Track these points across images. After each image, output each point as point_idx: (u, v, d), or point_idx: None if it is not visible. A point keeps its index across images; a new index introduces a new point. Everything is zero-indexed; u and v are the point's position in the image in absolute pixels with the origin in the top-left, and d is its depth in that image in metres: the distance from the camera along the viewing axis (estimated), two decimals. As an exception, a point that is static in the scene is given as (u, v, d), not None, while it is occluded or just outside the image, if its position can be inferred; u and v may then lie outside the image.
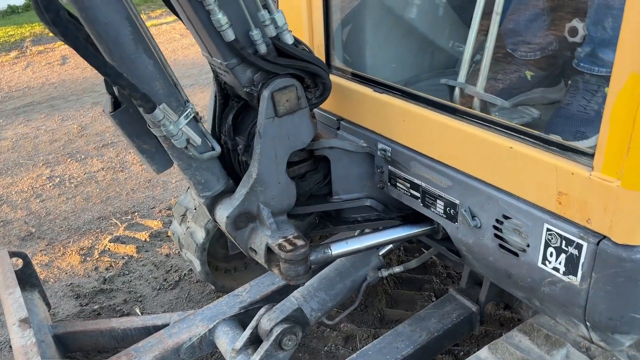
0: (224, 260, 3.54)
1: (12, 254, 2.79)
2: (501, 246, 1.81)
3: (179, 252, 3.92)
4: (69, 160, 5.56)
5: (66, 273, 3.77)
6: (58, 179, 5.16)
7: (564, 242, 1.58)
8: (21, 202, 4.78)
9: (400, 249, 3.79)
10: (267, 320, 2.38)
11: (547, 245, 1.63)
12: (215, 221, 2.26)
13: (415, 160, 2.04)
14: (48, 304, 2.94)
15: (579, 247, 1.54)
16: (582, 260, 1.54)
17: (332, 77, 2.34)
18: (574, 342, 2.00)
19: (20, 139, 6.17)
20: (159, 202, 4.67)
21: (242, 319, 2.62)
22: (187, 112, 1.94)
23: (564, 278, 1.62)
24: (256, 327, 2.41)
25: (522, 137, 1.63)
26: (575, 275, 1.58)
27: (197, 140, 1.96)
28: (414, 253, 3.78)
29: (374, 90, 2.13)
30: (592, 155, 1.45)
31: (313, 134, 2.12)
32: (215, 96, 2.28)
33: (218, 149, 2.08)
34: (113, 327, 2.67)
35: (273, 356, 2.33)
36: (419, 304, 3.27)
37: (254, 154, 2.05)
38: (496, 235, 1.82)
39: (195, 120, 2.04)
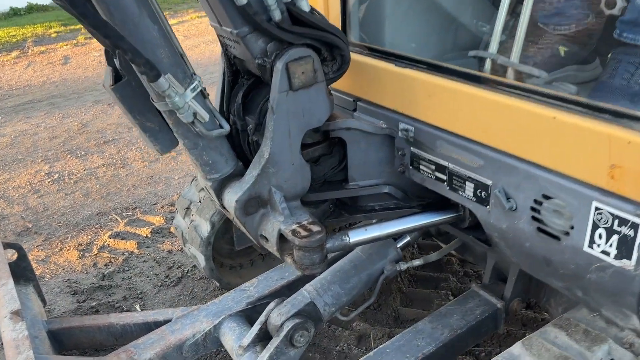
0: (230, 256, 3.37)
1: (6, 245, 2.61)
2: (540, 230, 1.65)
3: (181, 248, 3.75)
4: (68, 156, 5.41)
5: (63, 269, 3.60)
6: (57, 175, 5.00)
7: (616, 221, 1.41)
8: (18, 197, 4.62)
9: (414, 246, 3.62)
10: (278, 314, 2.21)
11: (595, 227, 1.47)
12: (223, 207, 2.09)
13: (442, 140, 1.88)
14: (43, 300, 2.77)
15: (634, 226, 1.37)
16: (637, 241, 1.37)
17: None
18: (615, 338, 1.83)
19: (19, 135, 6.02)
20: (162, 198, 4.51)
21: (249, 314, 2.44)
22: (194, 84, 1.78)
23: (615, 262, 1.45)
24: (265, 322, 2.24)
25: (568, 105, 1.47)
26: (629, 258, 1.41)
27: (205, 116, 1.80)
28: (428, 251, 3.61)
29: (396, 65, 1.97)
30: (653, 121, 1.29)
31: (330, 112, 1.96)
32: (224, 73, 2.13)
33: (227, 127, 1.92)
34: (112, 322, 2.50)
35: (283, 353, 2.16)
36: (435, 302, 3.09)
37: (266, 132, 1.89)
38: (534, 218, 1.65)
39: (203, 95, 1.88)
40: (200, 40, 10.08)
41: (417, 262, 2.49)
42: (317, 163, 2.18)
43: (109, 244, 3.85)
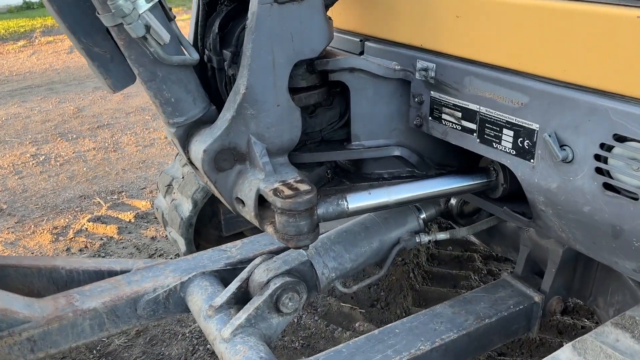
0: (218, 243, 2.96)
1: None
2: (607, 187, 1.20)
3: (167, 236, 3.34)
4: (59, 139, 5.06)
5: (32, 253, 3.21)
6: (43, 157, 4.64)
7: None
8: (-5, 178, 4.27)
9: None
10: (265, 270, 1.77)
11: (696, 174, 1.02)
12: (190, 161, 1.67)
13: (472, 76, 1.45)
14: None
15: None
16: None
17: (356, -22, 1.77)
18: (698, 343, 1.37)
19: (10, 118, 5.70)
20: (151, 182, 4.12)
21: (226, 277, 1.97)
22: None
23: None
24: (247, 279, 1.79)
25: (661, -1, 1.03)
26: None
27: (164, 35, 1.38)
28: (446, 246, 3.16)
29: (415, -16, 1.55)
30: None
31: (328, 40, 1.54)
32: (199, 1, 1.73)
33: (195, 56, 1.51)
34: (56, 265, 2.01)
35: (265, 319, 1.70)
36: (453, 303, 2.64)
37: (242, 60, 1.47)
38: (599, 171, 1.21)
39: (166, 14, 1.47)
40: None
41: (441, 236, 2.04)
42: (313, 115, 1.76)
43: (87, 228, 3.46)
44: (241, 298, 1.77)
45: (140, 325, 1.97)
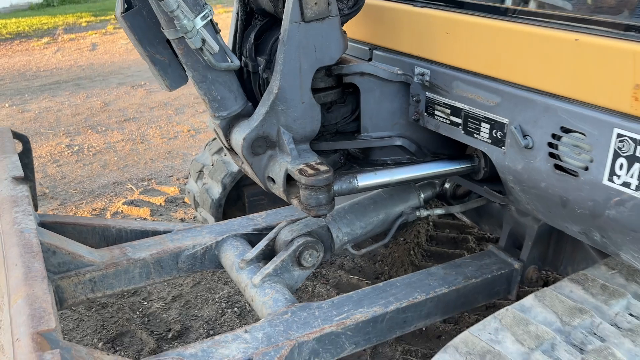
0: (241, 223, 3.34)
1: (15, 135, 2.47)
2: (557, 167, 1.57)
3: (194, 217, 3.73)
4: (89, 131, 5.47)
5: (76, 231, 3.61)
6: (77, 147, 5.05)
7: (638, 148, 1.33)
8: (37, 166, 4.67)
9: (429, 223, 3.54)
10: (289, 231, 2.14)
11: (616, 156, 1.38)
12: (231, 148, 2.06)
13: (458, 80, 1.81)
14: (35, 206, 2.52)
15: (658, 151, 1.28)
16: (661, 167, 1.29)
17: (367, -1, 2.14)
18: (635, 294, 1.73)
19: (43, 111, 6.12)
20: (178, 171, 4.51)
21: (253, 240, 2.35)
22: (204, 12, 1.75)
23: (637, 194, 1.36)
24: (274, 239, 2.17)
25: (591, 27, 1.40)
26: (652, 188, 1.32)
27: (215, 46, 1.77)
28: (444, 229, 3.52)
29: (414, 6, 1.92)
30: (681, 32, 1.21)
31: (343, 50, 1.91)
32: (237, 14, 2.10)
33: (237, 62, 1.89)
34: (108, 225, 2.37)
35: (288, 270, 2.09)
36: (448, 276, 3.01)
37: (275, 66, 1.84)
38: (551, 155, 1.57)
39: (214, 27, 1.86)
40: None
41: (438, 211, 2.42)
42: (329, 110, 2.13)
43: (122, 210, 3.86)
44: (268, 254, 2.17)
45: (179, 277, 2.33)
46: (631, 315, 1.68)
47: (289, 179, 1.94)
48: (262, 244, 2.20)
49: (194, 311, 2.87)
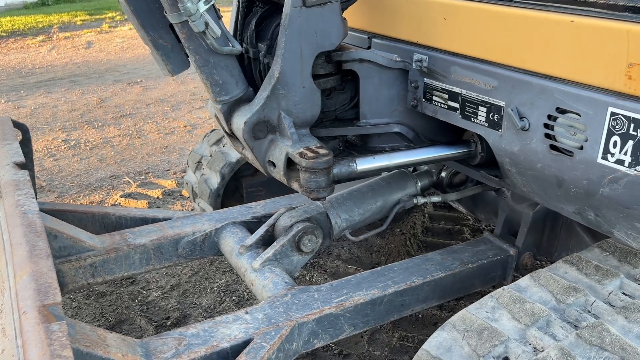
0: (239, 214, 3.36)
1: (15, 124, 2.46)
2: (552, 147, 1.61)
3: (192, 209, 3.75)
4: (86, 126, 5.47)
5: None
6: (73, 142, 5.06)
7: (632, 125, 1.37)
8: (34, 160, 4.65)
9: (426, 215, 3.58)
10: (289, 217, 2.17)
11: (610, 134, 1.42)
12: (231, 133, 2.08)
13: (456, 65, 1.85)
14: (35, 194, 2.65)
15: (650, 127, 1.33)
16: (654, 144, 1.33)
17: (366, -13, 2.18)
18: (628, 274, 1.77)
19: (39, 107, 6.12)
20: (175, 165, 4.53)
21: (252, 227, 2.38)
22: None
23: (630, 171, 1.40)
24: (274, 224, 2.19)
25: (586, 8, 1.44)
26: (644, 164, 1.36)
27: (217, 30, 1.80)
28: (440, 221, 3.56)
29: (412, -7, 1.96)
30: (673, 11, 1.25)
31: (343, 36, 1.94)
32: (239, 1, 2.13)
33: (239, 47, 1.92)
34: (108, 212, 2.39)
35: (287, 255, 2.11)
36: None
37: (277, 51, 1.87)
38: (547, 136, 1.61)
39: (216, 13, 1.89)
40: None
41: (435, 199, 2.45)
42: (329, 97, 2.17)
43: (120, 203, 3.87)
44: (267, 240, 2.19)
45: (179, 263, 2.34)
46: (624, 294, 1.72)
47: (290, 163, 1.97)
48: (261, 230, 2.22)
49: (192, 299, 2.89)
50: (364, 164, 2.03)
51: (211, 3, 1.80)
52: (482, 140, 1.99)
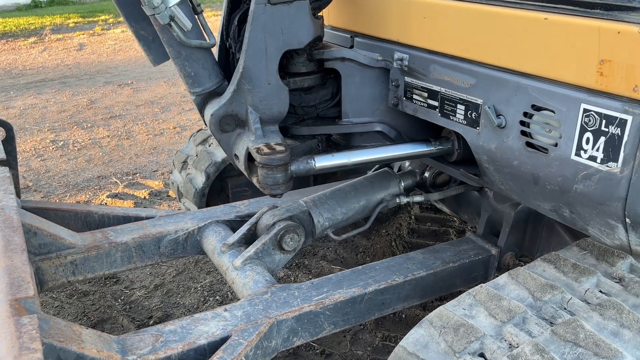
0: (224, 215, 3.35)
1: None
2: (528, 145, 1.62)
3: (178, 209, 3.74)
4: (75, 127, 5.45)
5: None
6: (62, 143, 5.04)
7: (603, 122, 1.38)
8: (21, 160, 4.65)
9: (411, 216, 3.58)
10: (271, 215, 2.16)
11: (583, 131, 1.44)
12: (205, 123, 2.10)
13: (435, 64, 1.87)
14: (18, 194, 2.46)
15: (621, 124, 1.34)
16: (624, 139, 1.34)
17: (348, -14, 2.19)
18: (605, 273, 1.78)
19: (28, 108, 6.09)
20: (162, 166, 4.52)
21: (235, 226, 2.37)
22: None
23: (602, 167, 1.42)
24: (256, 223, 2.18)
25: (559, 6, 1.45)
26: (616, 160, 1.38)
27: (187, 24, 1.82)
28: (425, 222, 3.57)
29: (393, -8, 1.97)
30: (642, 8, 1.27)
31: (313, 35, 1.93)
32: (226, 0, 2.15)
33: (213, 41, 1.94)
34: (90, 211, 2.38)
35: (269, 254, 2.10)
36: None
37: (243, 46, 1.89)
38: (523, 133, 1.62)
39: (194, 8, 1.90)
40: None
41: (418, 198, 2.45)
42: (309, 92, 2.17)
43: (106, 203, 3.86)
44: (250, 239, 2.18)
45: (161, 262, 2.34)
46: (601, 292, 1.73)
47: (251, 158, 1.98)
48: (244, 229, 2.22)
49: (175, 299, 2.88)
50: (322, 161, 2.03)
51: None
52: (460, 137, 2.00)
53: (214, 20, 11.39)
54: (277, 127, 2.02)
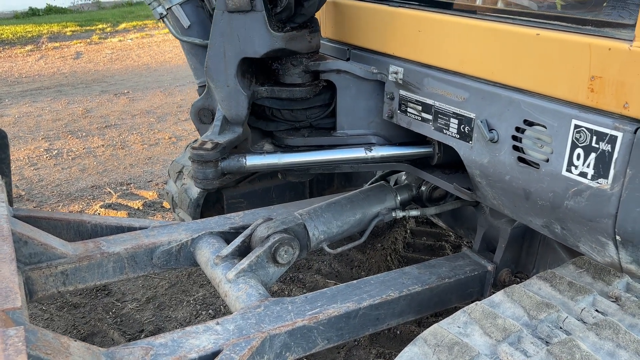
0: (218, 226, 3.34)
1: None
2: (520, 160, 1.62)
3: (173, 220, 3.72)
4: (69, 136, 5.44)
5: (51, 232, 3.57)
6: (56, 152, 5.02)
7: (594, 138, 1.38)
8: (14, 169, 4.63)
9: (407, 230, 3.58)
10: (265, 227, 2.15)
11: (574, 147, 1.44)
12: None
13: (429, 77, 1.87)
14: (11, 203, 2.49)
15: (612, 140, 1.34)
16: (615, 156, 1.35)
17: (342, 1, 2.21)
18: (601, 292, 1.77)
19: (22, 116, 6.08)
20: (157, 177, 4.50)
21: (229, 238, 2.34)
22: None
23: (592, 184, 1.42)
24: (250, 235, 2.17)
25: (551, 22, 1.47)
26: (606, 177, 1.38)
27: (185, 21, 1.91)
28: (421, 236, 3.56)
29: (389, 5, 1.98)
30: (633, 26, 1.28)
31: (269, 47, 1.95)
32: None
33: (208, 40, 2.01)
34: (83, 220, 2.35)
35: (263, 267, 2.08)
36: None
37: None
38: (515, 148, 1.63)
39: (201, 4, 1.98)
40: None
41: (414, 212, 2.44)
42: (301, 101, 2.17)
43: (99, 213, 3.83)
44: (244, 251, 2.17)
45: (154, 273, 2.32)
46: (597, 311, 1.72)
47: None
48: (237, 241, 2.20)
49: (168, 312, 2.85)
50: (253, 160, 2.06)
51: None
52: (440, 143, 2.03)
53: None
54: (241, 128, 2.06)
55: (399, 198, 2.49)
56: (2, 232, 1.72)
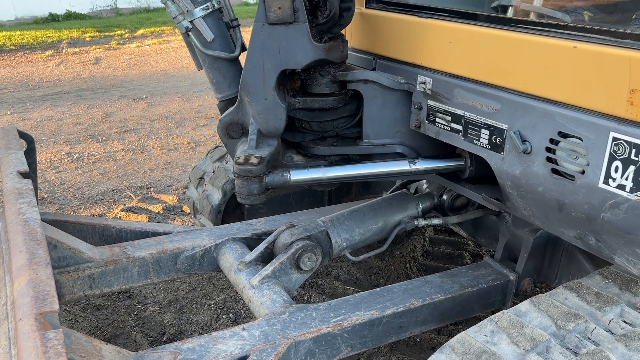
0: (238, 232, 3.35)
1: (20, 134, 2.44)
2: (554, 171, 1.61)
3: (193, 224, 3.74)
4: (90, 140, 5.50)
5: (73, 235, 3.61)
6: (77, 155, 5.08)
7: (633, 151, 1.38)
8: (37, 172, 4.69)
9: (426, 238, 3.57)
10: (289, 234, 2.15)
11: (612, 159, 1.43)
12: None
13: (459, 88, 1.87)
14: (37, 203, 2.61)
15: (652, 153, 1.33)
16: (655, 169, 1.34)
17: (370, 11, 2.22)
18: (629, 302, 1.76)
19: (44, 120, 6.16)
20: (177, 181, 4.54)
21: (251, 244, 2.36)
22: (206, 4, 1.90)
23: (631, 196, 1.41)
24: (274, 242, 2.18)
25: (589, 35, 1.46)
26: (646, 190, 1.37)
27: (208, 35, 1.91)
28: (440, 244, 3.55)
29: (418, 17, 1.99)
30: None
31: (312, 58, 1.95)
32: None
33: (234, 53, 2.01)
34: (108, 225, 2.38)
35: (286, 273, 2.09)
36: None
37: (245, 60, 1.96)
38: (549, 159, 1.62)
39: (227, 24, 1.98)
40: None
41: (436, 221, 2.44)
42: (328, 111, 2.18)
43: (120, 217, 3.87)
44: (267, 257, 2.18)
45: (177, 278, 2.33)
46: (625, 322, 1.70)
47: None
48: (261, 247, 2.22)
49: (189, 316, 2.87)
50: (297, 175, 2.05)
51: (209, 10, 1.90)
52: (472, 155, 2.02)
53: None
54: (276, 141, 2.05)
55: (420, 206, 2.49)
56: (37, 236, 1.74)
